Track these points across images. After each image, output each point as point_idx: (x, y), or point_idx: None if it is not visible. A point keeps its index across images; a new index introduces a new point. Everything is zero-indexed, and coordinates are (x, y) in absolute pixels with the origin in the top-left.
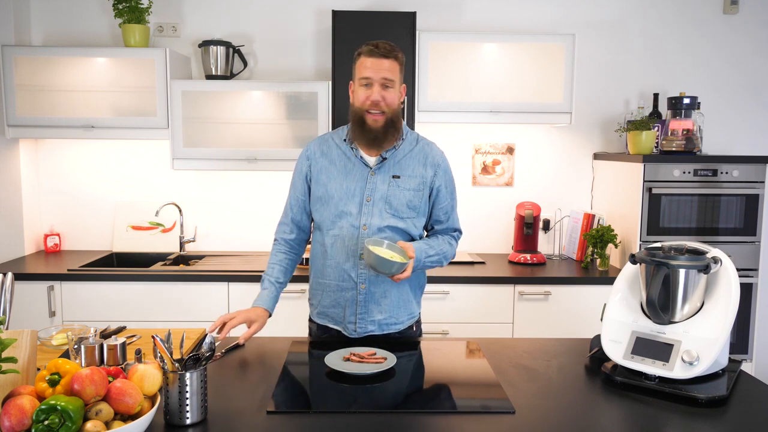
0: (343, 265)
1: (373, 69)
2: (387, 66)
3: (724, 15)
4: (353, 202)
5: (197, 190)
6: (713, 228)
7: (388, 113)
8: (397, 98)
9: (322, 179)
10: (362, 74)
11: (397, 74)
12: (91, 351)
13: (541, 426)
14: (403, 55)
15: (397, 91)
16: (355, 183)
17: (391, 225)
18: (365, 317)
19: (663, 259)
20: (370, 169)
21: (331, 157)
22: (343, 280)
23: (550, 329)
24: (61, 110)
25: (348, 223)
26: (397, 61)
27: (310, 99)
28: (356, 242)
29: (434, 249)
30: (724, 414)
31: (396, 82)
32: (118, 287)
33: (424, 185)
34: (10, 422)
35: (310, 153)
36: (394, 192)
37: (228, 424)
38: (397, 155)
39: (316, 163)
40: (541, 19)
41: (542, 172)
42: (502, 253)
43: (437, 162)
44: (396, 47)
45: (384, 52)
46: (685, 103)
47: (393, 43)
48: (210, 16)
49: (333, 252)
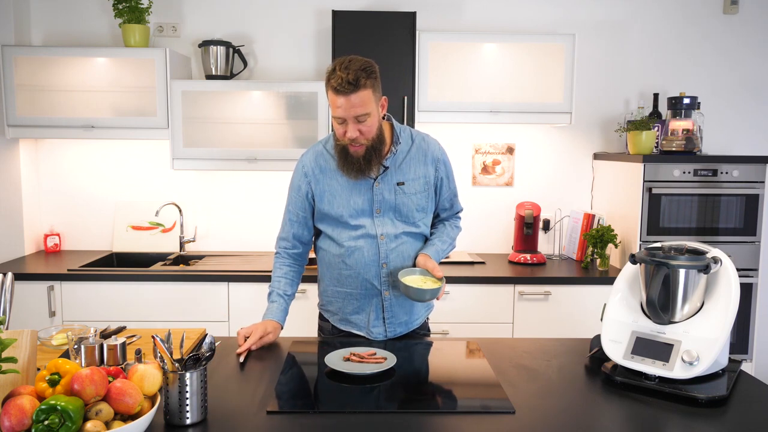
0: (365, 275)
1: (343, 108)
2: (356, 101)
3: (724, 15)
4: (364, 216)
5: (197, 190)
6: (713, 228)
7: (367, 143)
8: (374, 124)
9: (326, 198)
10: (334, 113)
11: (371, 101)
12: (91, 351)
13: (541, 426)
14: (372, 74)
15: (373, 117)
16: (362, 197)
17: (405, 231)
18: (393, 321)
19: (663, 259)
20: (373, 180)
21: (330, 173)
22: (366, 289)
23: (550, 329)
24: (61, 110)
25: (364, 234)
26: (367, 88)
27: (310, 99)
28: (376, 252)
29: (446, 242)
30: (724, 414)
31: (370, 111)
32: (118, 287)
33: (429, 185)
34: (10, 422)
35: (308, 170)
36: (402, 200)
37: (228, 424)
38: (396, 160)
39: (317, 182)
40: (541, 19)
41: (542, 172)
42: (502, 253)
43: (436, 156)
44: (360, 72)
45: (350, 89)
46: (685, 103)
47: (364, 60)
48: (210, 16)
49: (352, 262)
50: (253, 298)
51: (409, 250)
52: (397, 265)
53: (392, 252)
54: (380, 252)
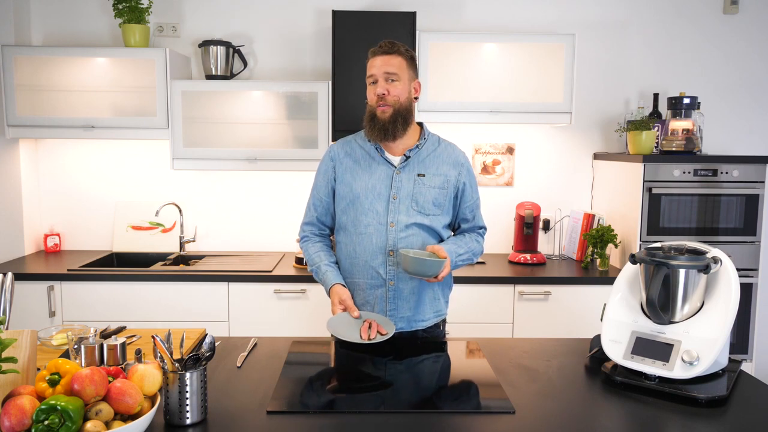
0: (371, 263)
1: (376, 66)
2: (389, 61)
3: (724, 15)
4: (380, 200)
5: (197, 190)
6: (713, 228)
7: (395, 105)
8: (404, 91)
9: (347, 179)
10: (369, 73)
11: (404, 68)
12: (91, 351)
13: (541, 426)
14: (409, 51)
15: (404, 84)
16: (381, 181)
17: (417, 222)
18: (394, 314)
19: (663, 259)
20: (395, 168)
21: (355, 157)
22: (372, 278)
23: (550, 329)
24: (61, 110)
25: (375, 221)
26: (401, 56)
27: (310, 99)
28: (385, 239)
29: (463, 248)
30: (724, 414)
31: (401, 76)
32: (118, 287)
33: (449, 184)
34: (10, 422)
35: (334, 154)
36: (420, 189)
37: (228, 424)
38: (420, 155)
39: (341, 164)
40: (541, 19)
41: (542, 172)
42: (502, 253)
43: (461, 161)
44: (399, 44)
45: (386, 49)
46: (685, 103)
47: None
48: (210, 16)
49: (361, 250)
50: (253, 298)
51: (418, 243)
52: None
53: (401, 241)
54: (388, 239)
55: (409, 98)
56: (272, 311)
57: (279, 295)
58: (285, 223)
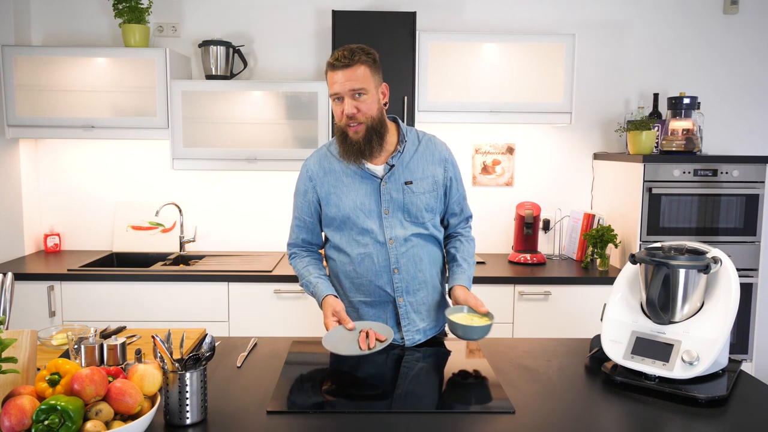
0: (376, 282)
1: (339, 83)
2: (351, 75)
3: (724, 15)
4: (371, 218)
5: (197, 190)
6: (713, 228)
7: (367, 122)
8: (374, 104)
9: (332, 200)
10: (331, 90)
11: (368, 78)
12: (91, 351)
13: (541, 426)
14: (370, 53)
15: (372, 96)
16: (369, 197)
17: (414, 233)
18: (410, 328)
19: (663, 259)
20: (380, 180)
21: (335, 174)
22: (380, 296)
23: (550, 329)
24: (61, 110)
25: (372, 240)
26: (363, 64)
27: (310, 99)
28: (386, 258)
29: (468, 261)
30: (724, 414)
31: (368, 88)
32: (118, 287)
33: (437, 185)
34: (10, 422)
35: (312, 174)
36: (410, 199)
37: (228, 424)
38: (403, 159)
39: (322, 185)
40: (541, 19)
41: (542, 172)
42: (502, 253)
43: (444, 156)
44: (358, 50)
45: (346, 63)
46: (685, 103)
47: (364, 45)
48: (210, 16)
49: (363, 270)
50: (253, 298)
51: (420, 254)
52: (409, 271)
53: (402, 256)
54: (390, 257)
55: (380, 108)
56: (272, 311)
57: (279, 295)
58: (285, 223)
